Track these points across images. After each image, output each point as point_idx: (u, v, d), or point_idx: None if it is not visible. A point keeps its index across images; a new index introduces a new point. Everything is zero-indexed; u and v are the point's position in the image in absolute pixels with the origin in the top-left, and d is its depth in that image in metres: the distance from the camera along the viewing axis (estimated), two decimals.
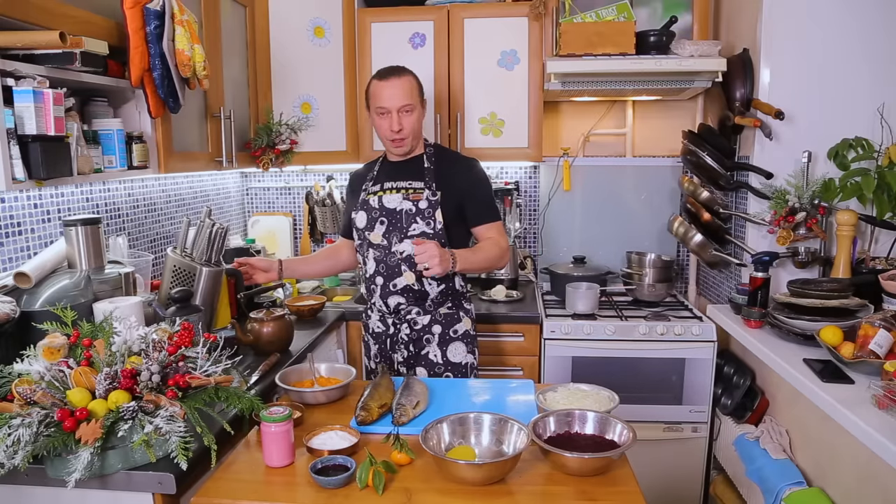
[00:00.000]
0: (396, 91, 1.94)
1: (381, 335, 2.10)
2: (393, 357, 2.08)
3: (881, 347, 1.65)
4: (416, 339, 2.03)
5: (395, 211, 1.99)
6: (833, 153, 2.18)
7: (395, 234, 1.99)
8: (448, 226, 1.99)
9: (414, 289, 2.00)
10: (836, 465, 1.70)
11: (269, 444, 1.25)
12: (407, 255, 1.96)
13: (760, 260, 2.16)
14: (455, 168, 2.04)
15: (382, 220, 2.01)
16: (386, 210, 2.00)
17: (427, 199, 1.97)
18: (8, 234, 1.70)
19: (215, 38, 2.22)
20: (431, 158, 2.05)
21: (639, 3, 2.71)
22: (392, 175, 2.06)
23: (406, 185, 2.02)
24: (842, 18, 2.18)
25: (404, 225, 1.98)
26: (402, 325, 2.04)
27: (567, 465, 1.21)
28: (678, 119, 2.95)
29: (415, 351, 2.04)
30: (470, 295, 2.17)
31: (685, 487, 2.53)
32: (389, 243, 2.00)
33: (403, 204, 1.98)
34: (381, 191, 2.04)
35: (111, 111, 1.82)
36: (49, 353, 1.33)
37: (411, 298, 2.02)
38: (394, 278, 2.00)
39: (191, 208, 2.66)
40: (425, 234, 1.96)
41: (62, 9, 1.48)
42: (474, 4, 2.67)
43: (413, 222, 1.97)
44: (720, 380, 2.43)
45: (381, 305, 2.06)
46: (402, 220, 1.98)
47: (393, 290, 2.01)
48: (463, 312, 2.08)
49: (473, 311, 2.15)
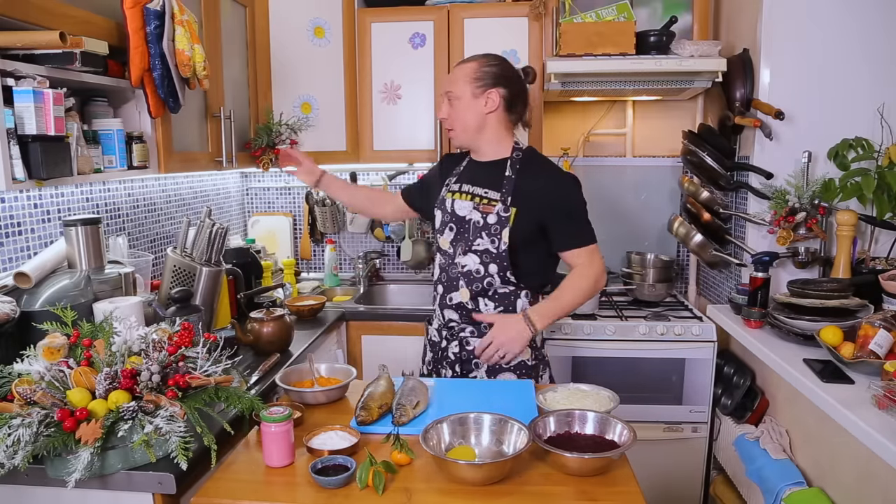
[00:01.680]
0: (450, 76, 1.82)
1: (435, 345, 1.91)
2: (441, 372, 1.88)
3: (881, 347, 1.65)
4: (465, 361, 1.83)
5: (465, 219, 1.79)
6: (833, 153, 2.18)
7: (461, 244, 1.79)
8: (518, 248, 1.75)
9: (468, 307, 1.80)
10: (836, 465, 1.70)
11: (269, 444, 1.25)
12: (468, 269, 1.77)
13: (760, 260, 2.16)
14: (540, 182, 1.75)
15: (451, 227, 1.82)
16: (456, 217, 1.81)
17: (498, 214, 1.74)
18: (8, 234, 1.70)
19: (215, 38, 2.22)
20: (516, 166, 1.78)
21: (639, 3, 2.72)
22: (472, 177, 1.84)
23: (482, 192, 1.78)
24: (842, 18, 2.18)
25: (471, 237, 1.77)
26: (454, 342, 1.84)
27: (567, 465, 1.21)
28: (678, 119, 2.95)
29: (461, 372, 1.83)
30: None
31: (685, 487, 2.53)
32: (454, 252, 1.80)
33: (473, 214, 1.77)
34: (459, 192, 1.84)
35: (111, 111, 1.82)
36: (49, 353, 1.33)
37: (465, 317, 1.82)
38: (451, 291, 1.81)
39: (191, 208, 2.66)
40: (489, 252, 1.75)
41: (62, 9, 1.47)
42: (474, 4, 2.67)
43: (478, 236, 1.76)
44: (720, 380, 2.43)
45: (439, 315, 1.89)
46: (469, 230, 1.77)
47: (449, 304, 1.83)
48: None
49: (538, 338, 1.84)
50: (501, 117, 1.80)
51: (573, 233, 1.77)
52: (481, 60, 1.78)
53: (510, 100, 1.78)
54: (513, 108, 1.80)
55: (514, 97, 1.79)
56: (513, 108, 1.81)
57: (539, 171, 1.79)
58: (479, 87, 1.76)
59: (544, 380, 1.88)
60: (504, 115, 1.80)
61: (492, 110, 1.77)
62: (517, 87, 1.80)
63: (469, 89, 1.76)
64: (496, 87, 1.76)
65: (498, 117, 1.79)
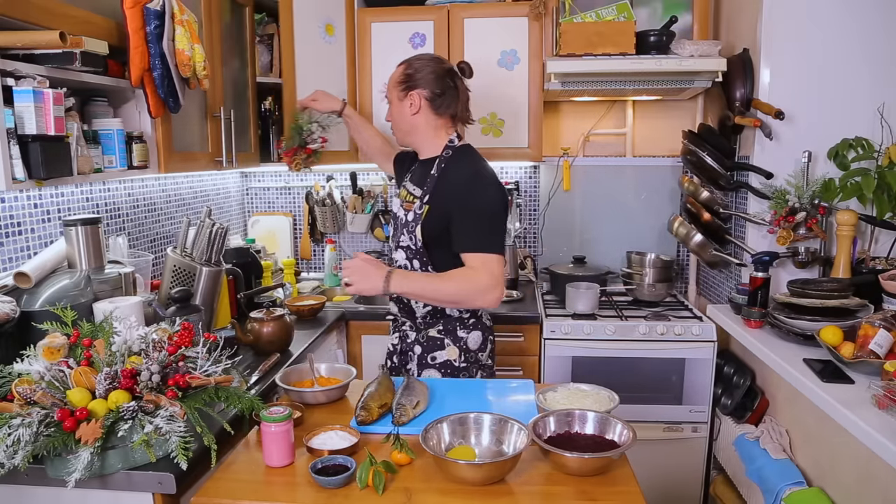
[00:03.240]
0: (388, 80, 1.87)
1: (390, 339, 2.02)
2: (387, 363, 1.98)
3: (881, 347, 1.65)
4: (402, 353, 1.91)
5: (396, 216, 1.88)
6: (833, 153, 2.18)
7: (394, 240, 1.89)
8: (431, 245, 1.75)
9: (403, 301, 1.85)
10: (836, 465, 1.70)
11: (269, 444, 1.25)
12: (399, 264, 1.82)
13: (760, 260, 2.16)
14: (455, 180, 1.74)
15: (391, 222, 1.95)
16: (392, 213, 1.92)
17: (414, 211, 1.77)
18: (8, 234, 1.70)
19: (215, 38, 2.22)
20: (441, 164, 1.79)
21: (639, 3, 2.71)
22: (413, 175, 1.89)
23: (412, 189, 1.84)
24: (842, 19, 2.18)
25: (399, 233, 1.84)
26: (395, 334, 1.94)
27: (567, 465, 1.21)
28: (678, 119, 2.95)
29: (398, 363, 1.92)
30: (472, 322, 1.86)
31: (685, 487, 2.53)
32: (392, 248, 1.91)
33: (400, 210, 1.85)
34: (401, 189, 1.91)
35: (111, 111, 1.82)
36: (49, 353, 1.33)
37: (403, 310, 1.89)
38: None
39: (191, 208, 2.66)
40: (410, 248, 1.78)
41: (62, 9, 1.48)
42: (474, 4, 2.67)
43: (402, 233, 1.81)
44: (720, 380, 2.43)
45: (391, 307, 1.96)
46: (398, 227, 1.85)
47: (392, 297, 1.89)
48: (451, 340, 1.83)
49: (472, 342, 1.86)
50: (429, 118, 1.79)
51: (472, 235, 1.68)
52: (405, 64, 1.81)
53: (434, 100, 1.77)
54: (439, 107, 1.78)
55: (438, 97, 1.77)
56: (440, 108, 1.79)
57: (459, 169, 1.77)
58: (402, 91, 1.79)
59: None
60: (431, 116, 1.79)
61: (415, 112, 1.79)
62: (441, 86, 1.77)
63: (395, 93, 1.81)
64: (416, 89, 1.77)
65: (424, 118, 1.79)
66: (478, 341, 1.88)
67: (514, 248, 2.92)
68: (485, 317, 1.91)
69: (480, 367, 1.90)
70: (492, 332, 1.95)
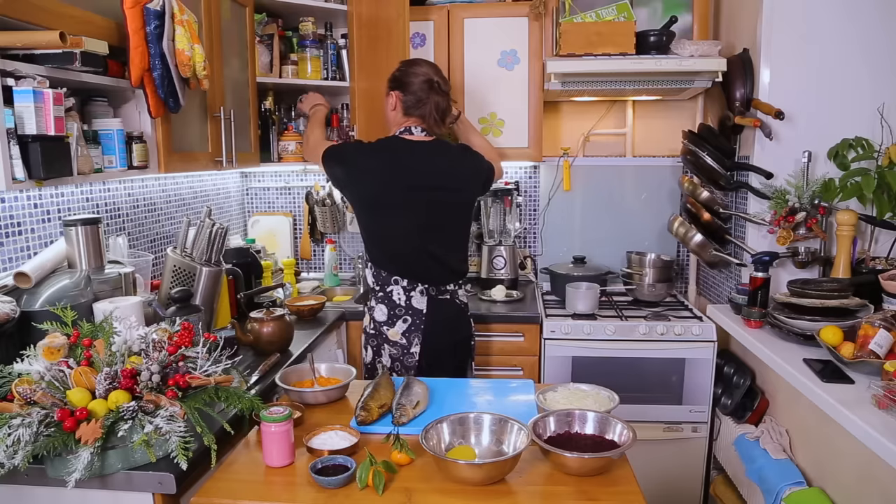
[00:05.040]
0: None
1: None
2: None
3: (881, 347, 1.65)
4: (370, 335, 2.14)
5: None
6: (833, 153, 2.18)
7: None
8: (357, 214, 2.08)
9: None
10: (836, 465, 1.70)
11: (269, 444, 1.25)
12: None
13: (760, 260, 2.16)
14: None
15: None
16: None
17: None
18: (8, 234, 1.70)
19: (215, 39, 2.22)
20: None
21: (639, 3, 2.71)
22: None
23: None
24: (842, 19, 2.18)
25: None
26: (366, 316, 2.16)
27: (567, 465, 1.21)
28: (678, 119, 2.95)
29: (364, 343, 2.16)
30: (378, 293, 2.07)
31: (685, 487, 2.53)
32: None
33: None
34: None
35: (111, 111, 1.82)
36: (49, 353, 1.33)
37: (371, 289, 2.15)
38: None
39: (191, 208, 2.66)
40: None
41: (62, 9, 1.47)
42: (474, 4, 2.67)
43: None
44: (720, 380, 2.43)
45: None
46: None
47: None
48: (366, 308, 2.14)
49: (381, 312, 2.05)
50: (398, 117, 2.05)
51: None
52: (398, 67, 2.07)
53: (407, 102, 2.02)
54: (411, 110, 2.02)
55: (411, 101, 2.01)
56: (411, 111, 2.02)
57: None
58: (388, 89, 2.07)
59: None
60: (401, 116, 2.04)
61: (392, 109, 2.06)
62: (418, 93, 2.00)
63: (385, 90, 2.09)
64: (394, 90, 2.04)
65: (394, 116, 2.06)
66: (384, 315, 2.05)
67: (514, 248, 2.92)
68: (396, 294, 2.03)
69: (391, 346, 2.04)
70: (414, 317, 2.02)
